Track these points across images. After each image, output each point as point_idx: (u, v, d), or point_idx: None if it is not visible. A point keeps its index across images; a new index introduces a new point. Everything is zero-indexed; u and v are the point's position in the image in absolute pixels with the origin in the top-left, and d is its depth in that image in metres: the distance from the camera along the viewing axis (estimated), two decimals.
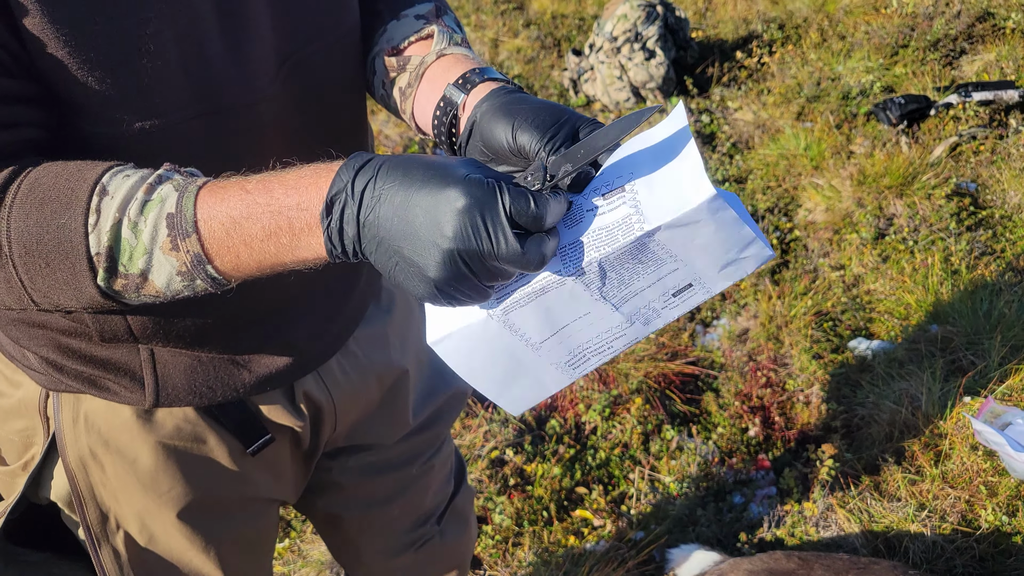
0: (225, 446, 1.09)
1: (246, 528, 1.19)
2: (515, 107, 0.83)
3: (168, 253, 0.75)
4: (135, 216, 0.75)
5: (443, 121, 0.91)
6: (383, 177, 0.70)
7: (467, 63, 0.94)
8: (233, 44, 0.88)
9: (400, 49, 1.02)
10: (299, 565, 2.21)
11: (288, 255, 0.75)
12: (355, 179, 0.71)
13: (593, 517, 2.23)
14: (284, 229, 0.73)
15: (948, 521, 2.02)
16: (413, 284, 0.72)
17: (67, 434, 1.03)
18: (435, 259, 0.69)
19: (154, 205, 0.75)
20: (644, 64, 3.86)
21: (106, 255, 0.76)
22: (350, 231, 0.71)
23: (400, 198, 0.70)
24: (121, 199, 0.75)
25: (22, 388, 1.05)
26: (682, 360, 2.66)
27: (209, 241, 0.75)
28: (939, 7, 4.03)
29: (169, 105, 0.84)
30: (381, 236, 0.70)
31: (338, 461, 1.27)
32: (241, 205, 0.74)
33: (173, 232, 0.74)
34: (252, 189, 0.74)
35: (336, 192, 0.71)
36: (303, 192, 0.73)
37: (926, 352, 2.49)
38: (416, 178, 0.70)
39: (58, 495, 1.09)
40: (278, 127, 0.95)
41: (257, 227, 0.74)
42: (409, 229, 0.69)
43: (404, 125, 4.01)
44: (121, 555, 1.10)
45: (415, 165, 0.71)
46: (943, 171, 3.15)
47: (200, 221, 0.74)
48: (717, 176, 3.42)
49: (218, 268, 0.76)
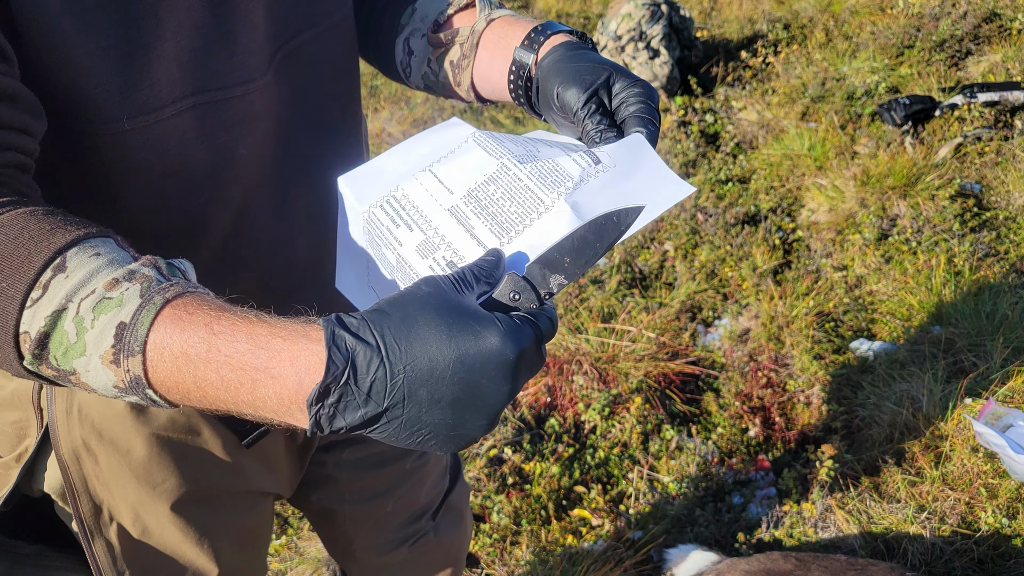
0: (219, 438, 1.09)
1: (240, 521, 1.18)
2: (563, 66, 0.86)
3: (107, 365, 0.64)
4: (84, 311, 0.64)
5: (519, 84, 0.93)
6: (394, 352, 0.61)
7: (523, 23, 0.96)
8: (226, 34, 0.87)
9: (441, 24, 1.02)
10: (296, 562, 2.21)
11: (246, 408, 0.65)
12: (355, 359, 0.61)
13: (591, 516, 2.22)
14: (245, 387, 0.63)
15: (948, 523, 2.01)
16: (442, 447, 0.64)
17: (60, 426, 1.03)
18: (486, 419, 0.63)
19: (110, 306, 0.64)
20: (648, 63, 3.85)
21: (37, 340, 0.65)
22: (350, 418, 0.61)
23: (427, 370, 0.61)
24: (76, 283, 0.65)
25: (15, 380, 1.05)
26: (682, 360, 2.65)
27: (155, 370, 0.64)
28: (945, 8, 4.01)
29: (163, 97, 0.83)
30: (407, 417, 0.62)
31: (332, 455, 1.27)
32: (201, 346, 0.63)
33: (118, 346, 0.63)
34: (218, 331, 0.64)
35: (332, 380, 0.60)
36: (273, 358, 0.62)
37: (928, 353, 2.48)
38: (440, 343, 0.61)
39: (51, 487, 1.08)
40: (271, 117, 0.94)
41: (213, 375, 0.63)
42: (453, 399, 0.61)
43: (407, 123, 4.00)
44: (115, 547, 1.10)
45: (421, 325, 0.62)
46: (947, 172, 3.13)
47: (150, 345, 0.63)
48: (720, 176, 3.41)
49: (160, 395, 0.66)
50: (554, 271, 0.71)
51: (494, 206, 0.77)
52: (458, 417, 0.62)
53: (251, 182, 0.95)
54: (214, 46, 0.86)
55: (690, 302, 2.91)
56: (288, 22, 0.94)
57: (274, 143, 0.96)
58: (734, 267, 2.99)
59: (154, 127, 0.84)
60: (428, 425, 0.62)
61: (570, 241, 0.72)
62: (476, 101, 1.03)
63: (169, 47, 0.82)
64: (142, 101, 0.82)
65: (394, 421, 0.62)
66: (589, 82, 0.84)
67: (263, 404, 0.63)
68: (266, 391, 0.63)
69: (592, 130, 0.83)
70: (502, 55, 0.95)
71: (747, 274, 2.94)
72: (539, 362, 0.66)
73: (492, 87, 0.98)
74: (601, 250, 0.72)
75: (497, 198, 0.77)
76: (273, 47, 0.93)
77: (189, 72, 0.85)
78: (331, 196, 1.09)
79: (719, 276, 2.99)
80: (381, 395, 0.61)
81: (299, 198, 1.03)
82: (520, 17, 0.98)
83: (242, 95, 0.90)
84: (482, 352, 0.61)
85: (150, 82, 0.82)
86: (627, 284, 2.98)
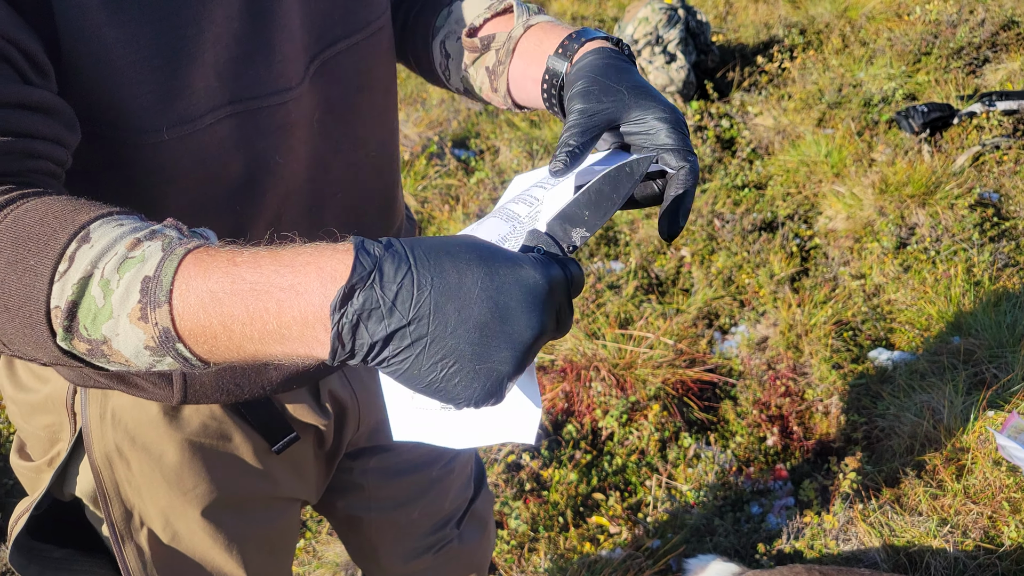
0: (250, 444, 1.09)
1: (269, 527, 1.18)
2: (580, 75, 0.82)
3: (136, 323, 0.62)
4: (109, 273, 0.63)
5: (552, 93, 0.91)
6: (422, 264, 0.59)
7: (559, 30, 0.94)
8: (264, 44, 0.87)
9: (477, 28, 1.00)
10: (314, 566, 2.20)
11: (274, 345, 0.62)
12: (383, 264, 0.59)
13: (609, 524, 2.21)
14: (272, 313, 0.60)
15: (970, 537, 2.00)
16: (467, 384, 0.60)
17: (94, 430, 1.03)
18: (513, 351, 0.60)
19: (133, 263, 0.63)
20: (665, 67, 3.84)
21: (66, 311, 0.63)
22: (370, 331, 0.59)
23: (455, 285, 0.59)
24: (100, 249, 0.64)
25: (50, 384, 1.05)
26: (700, 367, 2.64)
27: (181, 316, 0.62)
28: (963, 14, 4.00)
29: (202, 107, 0.83)
30: (434, 335, 0.59)
31: (359, 462, 1.27)
32: (225, 280, 0.61)
33: (145, 299, 0.62)
34: (241, 262, 0.62)
35: (358, 280, 0.58)
36: (299, 272, 0.60)
37: (948, 364, 2.46)
38: (470, 261, 0.60)
39: (83, 491, 1.08)
40: (306, 125, 0.94)
41: (239, 307, 0.61)
42: (481, 321, 0.59)
43: (423, 125, 4.00)
44: (145, 552, 1.09)
45: (446, 250, 0.60)
46: (966, 181, 3.12)
47: (175, 291, 0.62)
48: (737, 181, 3.40)
49: (191, 348, 0.63)
50: (575, 225, 0.70)
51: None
52: (484, 343, 0.59)
53: (287, 189, 0.95)
54: (253, 56, 0.86)
55: (707, 309, 2.89)
56: (324, 31, 0.93)
57: (309, 151, 0.96)
58: (751, 274, 2.98)
59: (193, 136, 0.84)
60: (453, 352, 0.59)
61: (587, 195, 0.71)
62: (513, 108, 1.02)
63: (208, 57, 0.82)
64: (182, 111, 0.82)
65: (418, 343, 0.59)
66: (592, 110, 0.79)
67: (288, 331, 0.61)
68: (292, 312, 0.60)
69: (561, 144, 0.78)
70: (537, 63, 0.93)
71: (764, 281, 2.93)
72: (569, 312, 0.63)
73: (527, 94, 0.97)
74: (618, 200, 0.72)
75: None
76: (309, 56, 0.92)
77: (228, 81, 0.85)
78: (364, 202, 1.08)
79: (736, 283, 2.98)
80: (407, 305, 0.58)
81: (333, 205, 1.02)
82: (558, 23, 0.96)
83: (279, 104, 0.90)
84: (513, 274, 0.60)
85: (190, 92, 0.82)
86: (644, 290, 2.97)
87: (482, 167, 3.69)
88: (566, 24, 0.96)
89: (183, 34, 0.80)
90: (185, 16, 0.80)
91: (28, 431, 1.10)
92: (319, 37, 0.93)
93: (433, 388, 0.60)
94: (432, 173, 3.65)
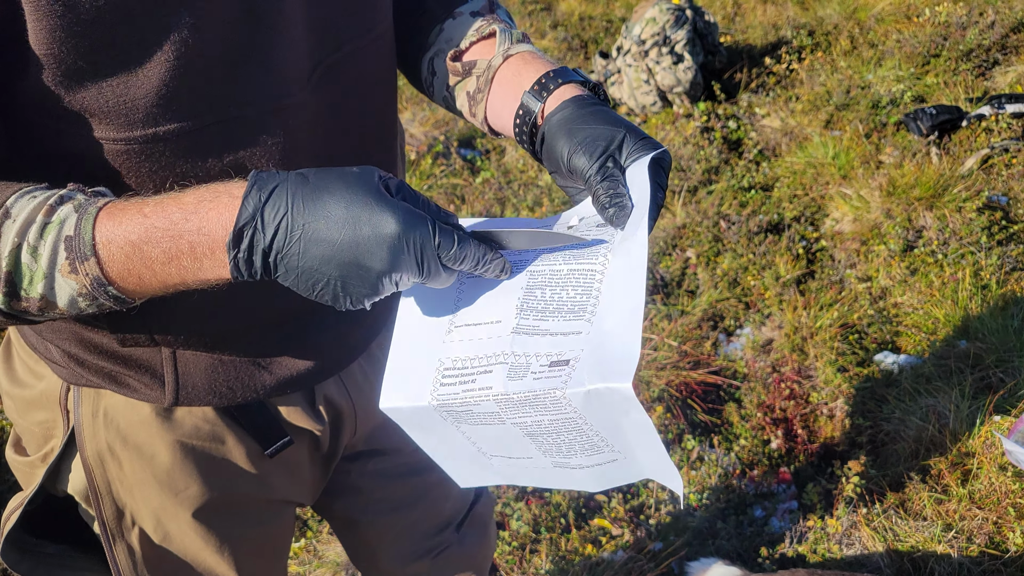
0: (243, 447, 1.08)
1: (261, 529, 1.17)
2: (576, 127, 0.84)
3: (68, 276, 0.74)
4: (34, 240, 0.74)
5: (523, 130, 0.92)
6: (298, 210, 0.72)
7: (538, 64, 0.94)
8: (263, 51, 0.86)
9: (462, 52, 1.01)
10: (314, 565, 2.20)
11: (191, 276, 0.76)
12: (263, 209, 0.72)
13: (611, 526, 2.20)
14: (185, 253, 0.74)
15: (975, 543, 1.98)
16: (335, 302, 0.75)
17: (86, 428, 1.02)
18: (367, 287, 0.74)
19: (53, 228, 0.74)
20: (672, 68, 3.83)
21: (5, 280, 0.74)
22: (258, 262, 0.73)
23: (321, 231, 0.71)
24: (22, 222, 0.74)
25: (44, 380, 1.05)
26: (704, 369, 2.62)
27: (109, 264, 0.74)
28: (972, 16, 3.97)
29: (185, 112, 0.83)
30: (303, 267, 0.73)
31: (357, 465, 1.26)
32: (140, 229, 0.74)
33: (72, 255, 0.74)
34: (150, 212, 0.74)
35: (244, 224, 0.71)
36: (203, 217, 0.73)
37: (954, 368, 2.44)
38: (335, 211, 0.71)
39: (75, 489, 1.08)
40: (307, 131, 0.93)
41: (157, 251, 0.74)
42: (336, 258, 0.72)
43: (429, 124, 4.00)
44: (136, 552, 1.09)
45: (328, 194, 0.72)
46: (974, 184, 3.09)
47: (99, 244, 0.74)
48: (743, 183, 3.39)
49: (121, 288, 0.76)
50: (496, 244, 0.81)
51: (555, 303, 0.79)
52: (345, 278, 0.73)
53: None
54: (248, 63, 0.85)
55: (712, 310, 2.88)
56: (329, 36, 0.92)
57: (311, 155, 0.95)
58: (757, 276, 2.96)
59: (175, 139, 0.83)
60: (320, 280, 0.73)
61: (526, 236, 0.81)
62: (490, 134, 1.02)
63: (196, 63, 0.81)
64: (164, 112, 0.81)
65: (292, 271, 0.73)
66: (602, 148, 0.83)
67: (203, 264, 0.74)
68: (202, 249, 0.74)
69: (604, 197, 0.81)
70: (513, 95, 0.94)
71: (770, 283, 2.91)
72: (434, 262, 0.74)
73: (503, 124, 0.97)
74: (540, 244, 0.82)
75: (551, 298, 0.79)
76: (313, 63, 0.91)
77: (219, 88, 0.84)
78: None
79: (742, 285, 2.96)
80: (281, 243, 0.72)
81: None
82: (537, 55, 0.96)
83: (277, 110, 0.89)
84: (372, 220, 0.71)
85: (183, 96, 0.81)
86: (648, 291, 2.96)
87: (488, 167, 3.69)
88: (544, 57, 0.96)
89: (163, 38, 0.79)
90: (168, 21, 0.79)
91: (23, 426, 1.10)
92: (324, 43, 0.92)
93: (315, 298, 0.75)
94: (438, 172, 3.65)
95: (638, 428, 0.74)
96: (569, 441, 0.78)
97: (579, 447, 0.78)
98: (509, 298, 0.81)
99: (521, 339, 0.78)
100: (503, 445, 0.81)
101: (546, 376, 0.74)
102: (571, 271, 0.80)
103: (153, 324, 0.95)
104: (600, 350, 0.73)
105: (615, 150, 0.83)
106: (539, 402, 0.74)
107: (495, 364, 0.77)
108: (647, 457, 0.77)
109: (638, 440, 0.75)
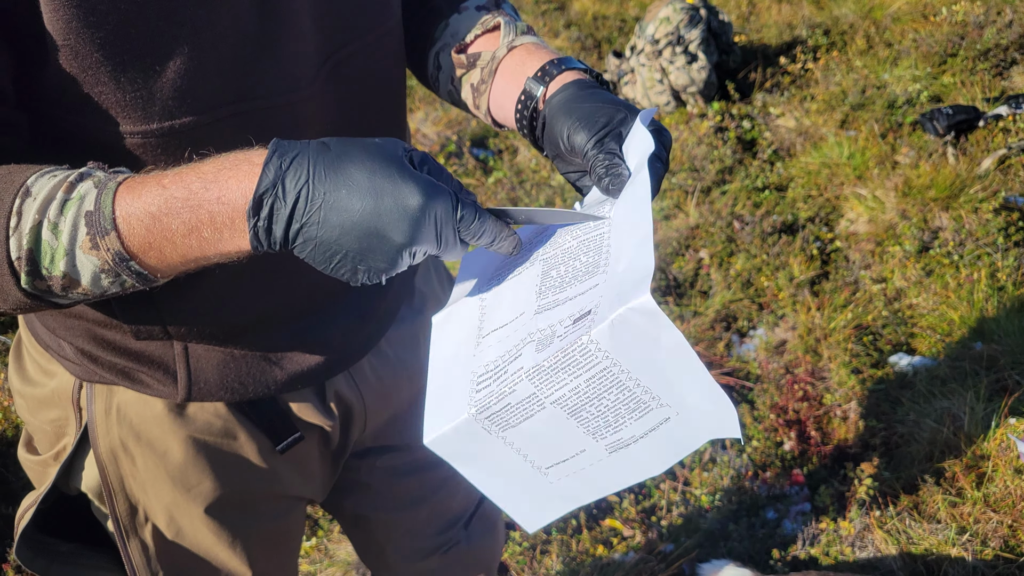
0: (255, 443, 1.09)
1: (273, 525, 1.18)
2: (576, 105, 0.84)
3: (88, 252, 0.74)
4: (55, 217, 0.73)
5: (524, 115, 0.92)
6: (319, 179, 0.70)
7: (541, 53, 0.95)
8: (273, 44, 0.87)
9: (467, 45, 1.01)
10: (325, 564, 2.21)
11: (211, 248, 0.75)
12: (284, 177, 0.70)
13: (623, 527, 2.19)
14: (205, 223, 0.73)
15: (990, 546, 1.96)
16: (352, 277, 0.75)
17: (99, 425, 1.03)
18: (386, 261, 0.73)
19: (73, 204, 0.73)
20: (685, 68, 3.82)
21: (27, 258, 0.74)
22: (278, 231, 0.72)
23: (342, 200, 0.70)
24: (42, 200, 0.73)
25: (56, 378, 1.05)
26: (717, 370, 2.61)
27: (129, 238, 0.73)
28: (990, 16, 3.93)
29: (201, 105, 0.83)
30: (322, 238, 0.71)
31: (366, 461, 1.26)
32: (159, 200, 0.73)
33: (92, 230, 0.73)
34: (169, 183, 0.73)
35: (264, 191, 0.70)
36: (222, 185, 0.72)
37: (970, 370, 2.42)
38: (358, 180, 0.70)
39: (88, 486, 1.09)
40: (316, 125, 0.93)
41: (177, 222, 0.73)
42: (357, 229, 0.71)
43: (442, 124, 4.00)
44: (149, 548, 1.10)
45: (351, 163, 0.71)
46: (991, 184, 3.07)
47: (119, 218, 0.73)
48: (758, 183, 3.37)
49: (143, 263, 0.75)
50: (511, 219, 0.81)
51: (571, 274, 0.79)
52: (364, 250, 0.72)
53: None
54: (259, 56, 0.86)
55: (725, 311, 2.87)
56: (338, 32, 0.93)
57: None
58: (770, 277, 2.95)
59: (188, 133, 0.84)
60: (339, 252, 0.72)
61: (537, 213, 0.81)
62: (493, 126, 1.03)
63: (210, 56, 0.82)
64: (177, 106, 0.82)
65: (311, 241, 0.72)
66: (602, 124, 0.83)
67: (223, 235, 0.73)
68: (222, 219, 0.72)
69: (600, 168, 0.81)
70: (516, 83, 0.94)
71: (784, 284, 2.90)
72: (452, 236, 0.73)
73: (505, 114, 0.98)
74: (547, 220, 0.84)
75: (565, 272, 0.80)
76: (322, 57, 0.92)
77: (232, 81, 0.85)
78: None
79: (755, 285, 2.95)
80: (302, 211, 0.70)
81: None
82: (541, 45, 0.97)
83: (287, 104, 0.89)
84: (395, 192, 0.70)
85: (191, 89, 0.82)
86: (661, 292, 2.95)
87: (500, 167, 3.69)
88: (548, 48, 0.97)
89: (177, 33, 0.80)
90: (182, 15, 0.80)
91: (35, 425, 1.11)
92: (332, 38, 0.93)
93: (331, 271, 0.74)
94: (451, 172, 3.65)
95: (675, 354, 0.70)
96: (614, 404, 0.74)
97: (625, 410, 0.75)
98: (528, 290, 0.81)
99: (544, 315, 0.77)
100: (552, 445, 0.78)
101: (571, 333, 0.73)
102: (580, 243, 0.81)
103: (166, 316, 0.95)
104: (617, 286, 0.72)
105: (615, 128, 0.82)
106: (570, 360, 0.72)
107: (524, 347, 0.76)
108: (696, 395, 0.72)
109: (679, 374, 0.71)
